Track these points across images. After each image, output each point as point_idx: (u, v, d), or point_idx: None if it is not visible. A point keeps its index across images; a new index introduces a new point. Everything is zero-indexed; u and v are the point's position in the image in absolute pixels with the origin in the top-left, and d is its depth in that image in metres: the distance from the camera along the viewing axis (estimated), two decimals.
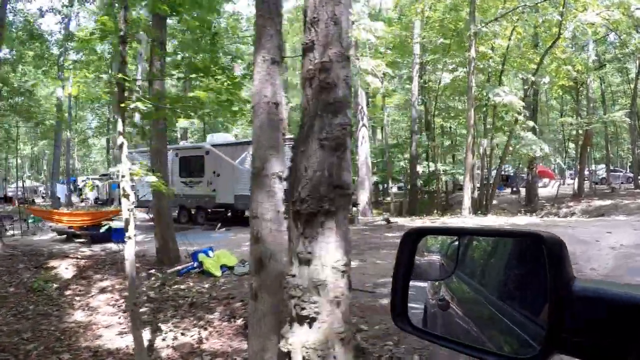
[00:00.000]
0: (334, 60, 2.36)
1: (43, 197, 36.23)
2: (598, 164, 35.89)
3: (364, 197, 20.77)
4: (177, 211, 18.46)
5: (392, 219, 16.22)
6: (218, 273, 8.90)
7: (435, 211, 20.39)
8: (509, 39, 19.97)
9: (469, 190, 17.25)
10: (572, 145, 29.30)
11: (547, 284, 0.75)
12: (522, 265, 0.96)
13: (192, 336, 6.67)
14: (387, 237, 12.59)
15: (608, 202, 22.27)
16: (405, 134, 27.26)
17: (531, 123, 20.53)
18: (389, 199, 28.30)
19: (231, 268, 9.20)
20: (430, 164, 25.31)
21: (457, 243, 1.25)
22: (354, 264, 9.44)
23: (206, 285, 8.47)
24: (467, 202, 17.12)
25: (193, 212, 18.15)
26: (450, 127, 25.14)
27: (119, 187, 5.76)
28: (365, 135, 20.85)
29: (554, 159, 20.58)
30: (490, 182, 21.85)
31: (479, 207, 19.79)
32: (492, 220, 15.00)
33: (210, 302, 7.74)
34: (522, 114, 16.81)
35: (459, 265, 1.24)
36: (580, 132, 23.84)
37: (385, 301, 6.10)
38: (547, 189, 30.10)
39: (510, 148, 17.84)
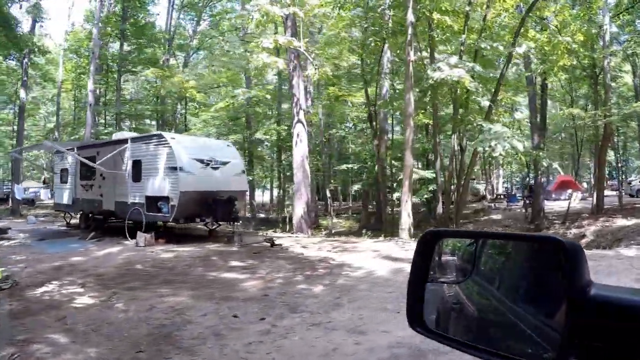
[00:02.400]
0: None
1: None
2: None
3: (299, 209, 16.56)
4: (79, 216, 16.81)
5: (280, 241, 11.94)
6: None
7: (365, 232, 15.66)
8: (487, 6, 15.19)
9: (408, 204, 12.56)
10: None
11: (564, 288, 0.76)
12: (540, 270, 0.96)
13: None
14: (222, 267, 8.74)
15: (632, 222, 16.72)
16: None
17: (521, 114, 15.57)
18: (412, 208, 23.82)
19: None
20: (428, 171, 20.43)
21: (473, 246, 1.24)
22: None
23: None
24: (405, 221, 12.47)
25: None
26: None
27: None
28: (301, 133, 16.60)
29: (546, 162, 15.19)
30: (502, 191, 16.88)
31: (446, 226, 14.97)
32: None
33: None
34: (482, 94, 12.07)
35: (475, 268, 1.22)
36: (600, 128, 18.33)
37: None
38: (566, 203, 24.38)
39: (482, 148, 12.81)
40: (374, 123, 17.21)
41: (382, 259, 9.17)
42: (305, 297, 6.26)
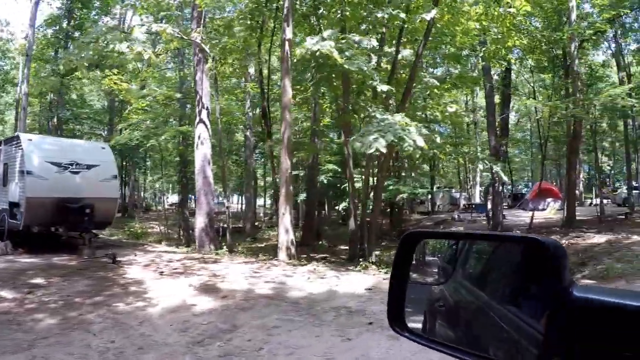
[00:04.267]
0: None
1: None
2: None
3: (200, 220, 13.91)
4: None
5: (129, 257, 9.53)
6: None
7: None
8: None
9: (286, 217, 9.74)
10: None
11: (546, 289, 0.74)
12: (522, 270, 0.92)
13: None
14: (14, 284, 7.23)
15: (604, 238, 13.57)
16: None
17: (453, 108, 12.67)
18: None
19: None
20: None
21: (455, 247, 1.22)
22: None
23: None
24: (283, 239, 9.70)
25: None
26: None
27: None
28: (202, 135, 13.94)
29: (483, 165, 11.87)
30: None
31: (360, 248, 12.02)
32: (294, 284, 7.50)
33: None
34: (371, 77, 9.23)
35: (457, 269, 1.19)
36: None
37: None
38: (544, 214, 21.14)
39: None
40: (268, 121, 14.30)
41: (196, 290, 7.09)
42: (12, 331, 4.95)
